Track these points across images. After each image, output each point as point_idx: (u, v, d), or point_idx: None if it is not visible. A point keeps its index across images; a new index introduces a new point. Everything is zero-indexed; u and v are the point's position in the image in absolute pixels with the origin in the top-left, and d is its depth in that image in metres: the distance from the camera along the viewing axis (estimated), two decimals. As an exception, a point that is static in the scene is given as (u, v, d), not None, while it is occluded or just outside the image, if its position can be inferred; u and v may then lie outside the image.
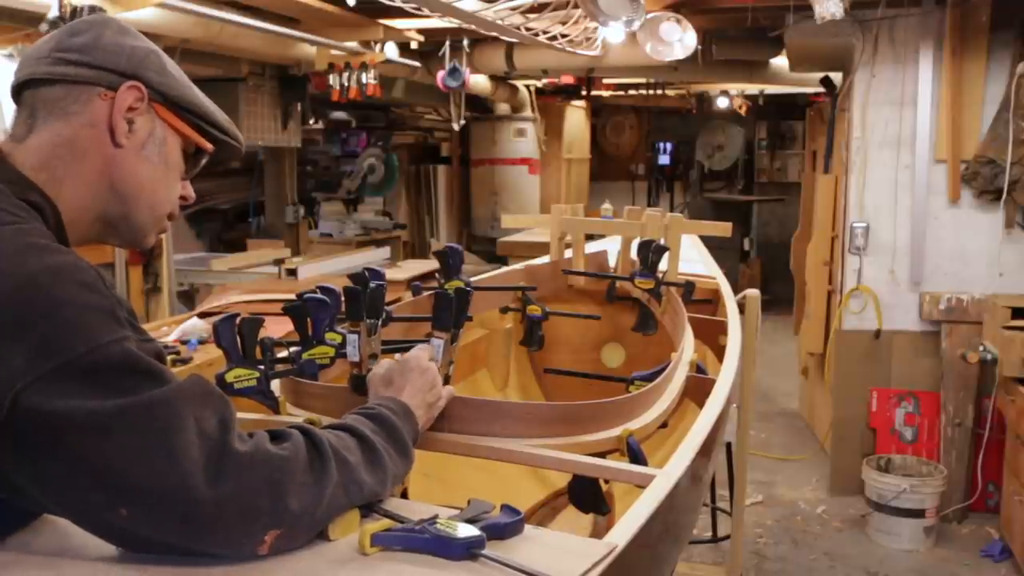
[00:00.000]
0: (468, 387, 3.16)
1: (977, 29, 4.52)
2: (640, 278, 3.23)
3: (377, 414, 1.35)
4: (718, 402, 2.08)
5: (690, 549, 4.08)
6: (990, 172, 4.54)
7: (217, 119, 1.32)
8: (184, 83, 1.28)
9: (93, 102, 1.21)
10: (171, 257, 4.86)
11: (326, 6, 4.87)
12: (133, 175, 1.24)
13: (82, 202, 1.21)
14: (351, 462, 1.19)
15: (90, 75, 1.21)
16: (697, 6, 5.21)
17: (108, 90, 1.21)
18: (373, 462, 1.24)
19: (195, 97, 1.29)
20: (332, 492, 1.14)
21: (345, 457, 1.19)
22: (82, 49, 1.21)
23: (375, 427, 1.31)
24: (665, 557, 1.76)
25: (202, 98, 1.30)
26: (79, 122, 1.20)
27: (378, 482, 1.24)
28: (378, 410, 1.36)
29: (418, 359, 1.55)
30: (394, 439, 1.32)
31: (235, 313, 1.79)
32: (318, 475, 1.13)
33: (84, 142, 1.20)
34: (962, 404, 4.65)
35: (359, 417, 1.33)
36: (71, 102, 1.20)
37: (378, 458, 1.25)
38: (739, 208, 11.10)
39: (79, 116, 1.20)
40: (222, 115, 1.34)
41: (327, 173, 9.10)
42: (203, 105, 1.30)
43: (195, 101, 1.29)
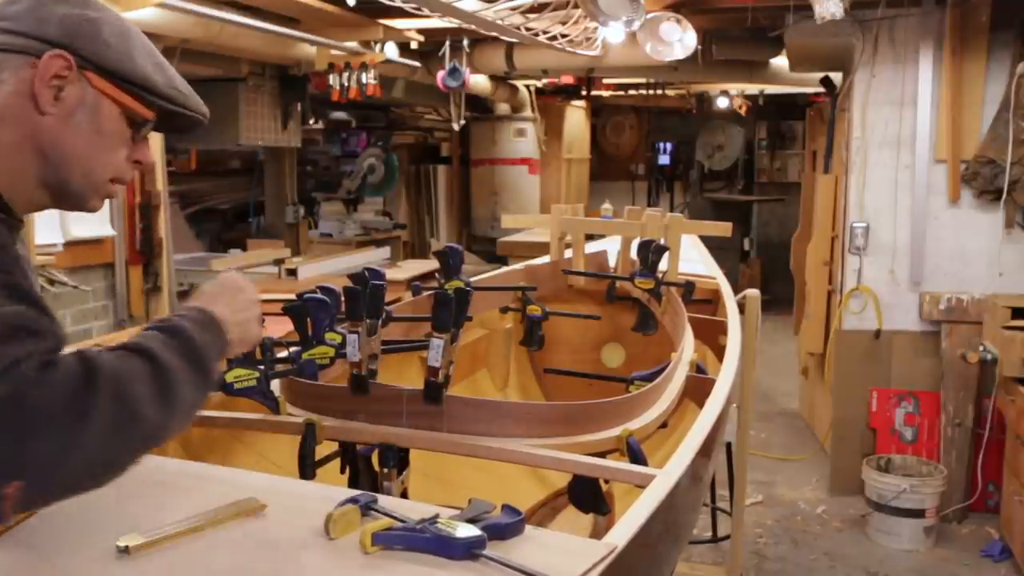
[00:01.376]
0: (468, 387, 3.16)
1: (977, 29, 4.52)
2: (640, 278, 3.23)
3: (173, 325, 1.18)
4: (718, 402, 2.08)
5: (690, 549, 4.08)
6: (990, 172, 4.54)
7: (156, 86, 1.26)
8: (122, 51, 1.24)
9: (23, 70, 1.19)
10: (171, 257, 4.86)
11: (326, 6, 4.87)
12: (61, 143, 1.22)
13: (15, 169, 1.21)
14: (130, 394, 1.04)
15: (20, 43, 1.20)
16: (697, 6, 5.21)
17: (36, 58, 1.19)
18: (162, 389, 1.08)
19: (132, 65, 1.24)
20: (97, 435, 1.00)
21: (123, 388, 1.03)
22: (16, 17, 1.21)
23: (167, 340, 1.14)
24: (665, 557, 1.76)
25: (143, 66, 1.25)
26: (7, 90, 1.19)
27: (165, 415, 1.08)
28: (175, 321, 1.19)
29: (234, 278, 1.38)
30: (191, 356, 1.15)
31: (235, 313, 1.79)
32: (78, 414, 0.98)
33: (12, 109, 1.19)
34: (962, 404, 4.65)
35: (153, 332, 1.16)
36: (2, 70, 1.19)
37: (168, 383, 1.09)
38: (739, 208, 11.10)
39: (7, 84, 1.19)
40: (168, 82, 1.28)
41: (327, 173, 9.11)
42: (141, 73, 1.25)
43: (132, 69, 1.24)
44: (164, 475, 1.45)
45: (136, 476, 1.43)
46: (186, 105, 1.32)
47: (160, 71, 1.28)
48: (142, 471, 1.45)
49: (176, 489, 1.37)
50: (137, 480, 1.41)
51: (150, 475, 1.44)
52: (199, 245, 7.62)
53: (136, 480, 1.41)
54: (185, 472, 1.48)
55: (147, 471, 1.46)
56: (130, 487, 1.38)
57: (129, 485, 1.39)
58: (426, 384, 1.73)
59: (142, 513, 1.27)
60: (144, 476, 1.43)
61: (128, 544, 1.16)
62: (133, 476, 1.43)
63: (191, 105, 1.33)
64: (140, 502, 1.34)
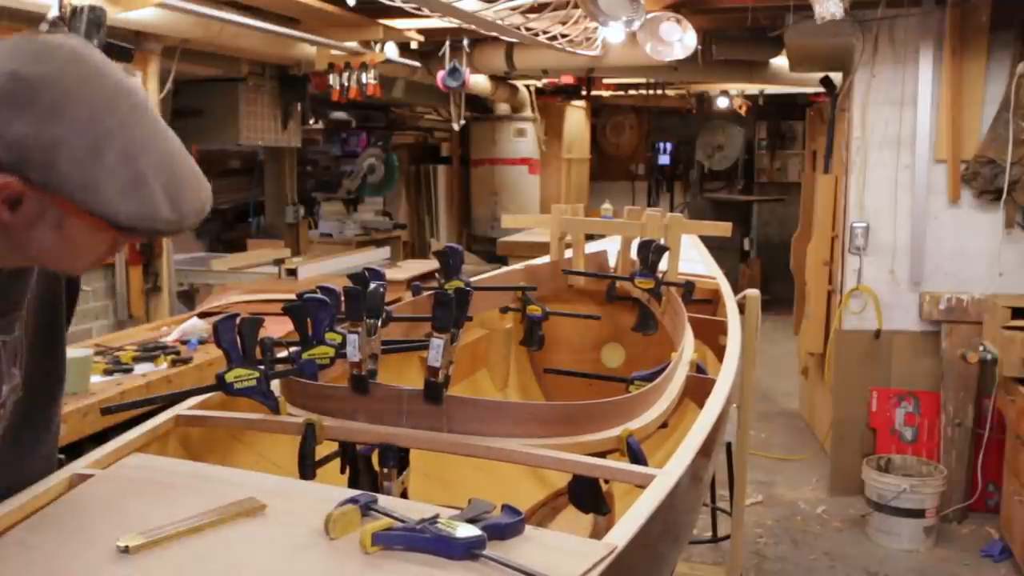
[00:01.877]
0: (468, 387, 3.16)
1: (977, 29, 4.52)
2: (640, 278, 3.23)
3: None
4: (718, 402, 2.08)
5: (690, 549, 4.08)
6: (990, 172, 4.54)
7: (120, 220, 1.11)
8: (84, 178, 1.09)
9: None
10: (171, 257, 4.86)
11: (326, 6, 4.88)
12: (28, 247, 1.15)
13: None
14: None
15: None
16: (697, 6, 5.21)
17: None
18: None
19: (95, 197, 1.10)
20: None
21: None
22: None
23: None
24: (665, 557, 1.76)
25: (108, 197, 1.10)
26: None
27: None
28: None
29: None
30: None
31: (235, 313, 1.79)
32: None
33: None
34: (962, 404, 4.65)
35: None
36: None
37: None
38: (739, 208, 11.10)
39: None
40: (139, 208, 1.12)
41: (327, 173, 9.10)
42: (105, 208, 1.10)
43: (94, 201, 1.10)
44: (164, 475, 1.45)
45: (136, 476, 1.43)
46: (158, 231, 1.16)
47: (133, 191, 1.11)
48: (142, 471, 1.46)
49: (176, 489, 1.37)
50: (137, 480, 1.42)
51: (150, 475, 1.44)
52: (199, 245, 7.62)
53: (136, 480, 1.42)
54: (185, 472, 1.48)
55: (147, 471, 1.46)
56: (130, 487, 1.39)
57: (129, 485, 1.40)
58: (426, 384, 1.73)
59: (142, 513, 1.27)
60: (144, 476, 1.43)
61: (128, 544, 1.16)
62: (134, 476, 1.43)
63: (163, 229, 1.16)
64: (140, 502, 1.34)
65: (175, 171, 1.16)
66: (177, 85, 4.90)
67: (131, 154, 1.11)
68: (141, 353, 3.26)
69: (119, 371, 3.08)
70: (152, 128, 1.16)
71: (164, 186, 1.14)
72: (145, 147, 1.13)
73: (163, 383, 3.04)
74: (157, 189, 1.13)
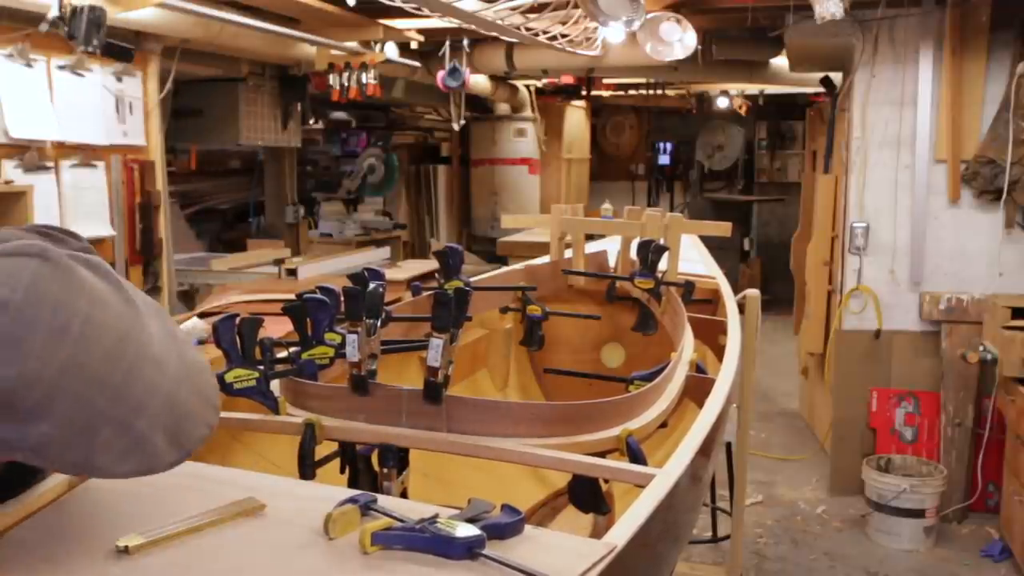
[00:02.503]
0: (468, 387, 3.16)
1: (977, 29, 4.52)
2: (640, 278, 3.23)
3: None
4: (718, 402, 2.08)
5: (690, 549, 4.08)
6: (990, 172, 4.54)
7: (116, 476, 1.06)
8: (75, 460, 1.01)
9: None
10: (171, 257, 4.86)
11: (326, 6, 4.88)
12: None
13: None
14: None
15: None
16: (697, 6, 5.21)
17: None
18: None
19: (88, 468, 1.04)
20: None
21: None
22: None
23: None
24: (665, 557, 1.76)
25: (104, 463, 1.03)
26: None
27: None
28: None
29: None
30: None
31: (235, 313, 1.79)
32: None
33: None
34: (962, 404, 4.65)
35: None
36: None
37: None
38: (739, 208, 11.10)
39: None
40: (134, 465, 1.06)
41: (327, 173, 9.11)
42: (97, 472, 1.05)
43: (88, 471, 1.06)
44: (164, 475, 1.44)
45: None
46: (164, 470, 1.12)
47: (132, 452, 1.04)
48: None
49: (176, 489, 1.37)
50: (137, 480, 1.42)
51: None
52: (199, 245, 7.62)
53: (136, 480, 1.42)
54: (185, 472, 1.47)
55: (147, 471, 1.46)
56: (130, 487, 1.39)
57: (129, 485, 1.39)
58: (426, 384, 1.73)
59: (142, 513, 1.26)
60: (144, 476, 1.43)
61: (128, 544, 1.16)
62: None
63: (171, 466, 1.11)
64: (140, 502, 1.33)
65: (177, 412, 1.09)
66: (177, 85, 4.90)
67: (127, 422, 1.03)
68: (141, 353, 3.25)
69: (119, 371, 3.07)
70: (153, 371, 1.06)
71: (166, 431, 1.07)
72: (143, 404, 1.04)
73: (163, 383, 3.03)
74: (159, 440, 1.06)
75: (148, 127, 4.56)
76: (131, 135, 4.46)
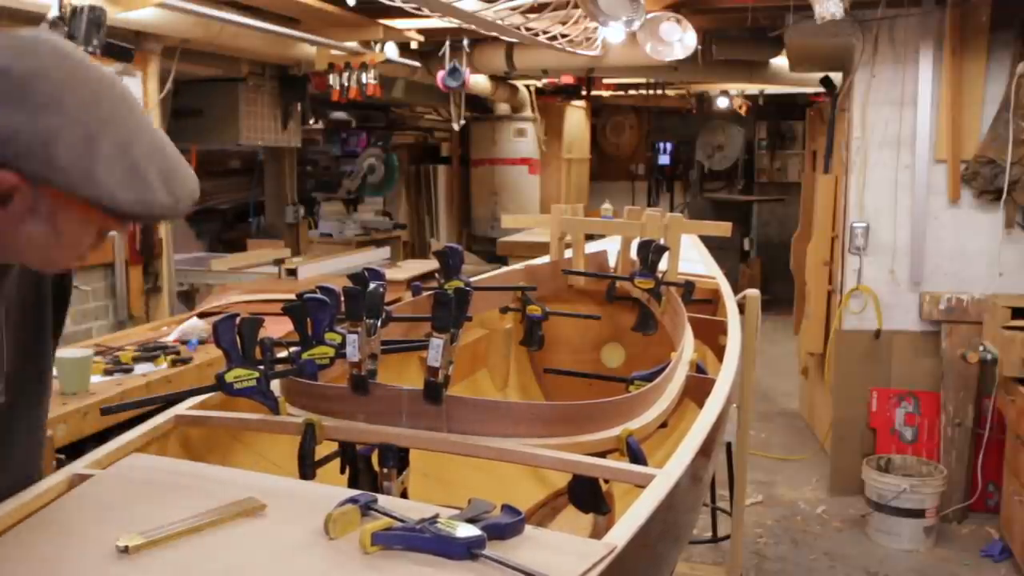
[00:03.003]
0: (468, 387, 3.16)
1: (977, 29, 4.52)
2: (640, 278, 3.23)
3: None
4: (718, 402, 2.08)
5: (690, 549, 4.08)
6: (990, 172, 4.54)
7: (121, 207, 1.12)
8: (81, 169, 1.09)
9: None
10: (171, 257, 4.86)
11: (326, 6, 4.87)
12: (15, 244, 1.15)
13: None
14: None
15: None
16: (697, 6, 5.21)
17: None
18: None
19: (94, 186, 1.10)
20: None
21: None
22: None
23: None
24: (665, 557, 1.76)
25: (107, 186, 1.10)
26: None
27: None
28: None
29: None
30: None
31: (235, 313, 1.79)
32: None
33: None
34: (962, 404, 4.65)
35: None
36: None
37: None
38: (739, 208, 11.10)
39: None
40: (138, 197, 1.13)
41: (327, 173, 9.10)
42: (105, 195, 1.11)
43: (93, 191, 1.10)
44: (164, 475, 1.45)
45: (136, 476, 1.43)
46: (158, 216, 1.19)
47: (131, 182, 1.12)
48: (142, 471, 1.46)
49: (176, 489, 1.37)
50: (137, 480, 1.42)
51: (150, 475, 1.44)
52: (199, 245, 7.63)
53: (136, 480, 1.42)
54: (185, 472, 1.48)
55: (147, 471, 1.46)
56: (130, 487, 1.39)
57: (129, 485, 1.40)
58: (426, 384, 1.73)
59: (142, 513, 1.27)
60: (144, 476, 1.43)
61: (128, 544, 1.16)
62: (133, 476, 1.43)
63: (165, 214, 1.19)
64: (140, 502, 1.34)
65: (166, 158, 1.18)
66: (177, 85, 4.90)
67: (125, 143, 1.13)
68: (141, 353, 3.26)
69: (119, 371, 3.08)
70: (139, 118, 1.18)
71: (159, 172, 1.15)
72: (137, 136, 1.15)
73: (163, 383, 3.04)
74: (153, 176, 1.14)
75: (148, 127, 4.54)
76: (131, 135, 4.45)
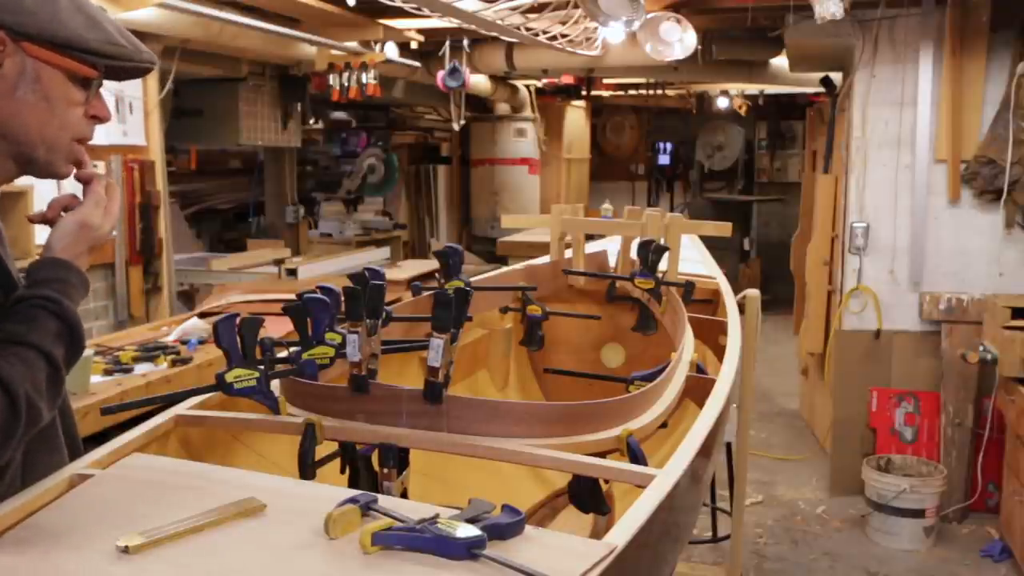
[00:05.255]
0: (468, 387, 3.16)
1: (977, 29, 4.52)
2: (640, 278, 3.22)
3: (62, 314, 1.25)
4: (718, 402, 2.08)
5: (690, 549, 4.08)
6: (990, 172, 4.54)
7: (89, 45, 1.26)
8: (48, 14, 1.22)
9: None
10: (171, 257, 4.86)
11: (326, 6, 4.88)
12: (11, 117, 1.23)
13: None
14: (37, 408, 1.21)
15: None
16: (697, 6, 5.21)
17: None
18: (57, 388, 1.25)
19: (62, 28, 1.23)
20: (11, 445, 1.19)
21: (33, 408, 1.20)
22: None
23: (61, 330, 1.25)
24: (665, 557, 1.76)
25: (73, 28, 1.24)
26: None
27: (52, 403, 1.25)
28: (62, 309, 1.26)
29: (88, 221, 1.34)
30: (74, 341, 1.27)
31: (235, 313, 1.79)
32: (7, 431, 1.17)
33: None
34: (962, 404, 4.65)
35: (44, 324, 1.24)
36: None
37: (60, 379, 1.26)
38: (739, 208, 11.11)
39: None
40: (104, 37, 1.28)
41: (327, 173, 9.11)
42: (74, 35, 1.24)
43: (62, 33, 1.23)
44: (164, 475, 1.44)
45: (136, 476, 1.43)
46: (127, 57, 1.32)
47: (94, 27, 1.26)
48: (142, 471, 1.46)
49: (176, 489, 1.37)
50: (137, 480, 1.42)
51: (150, 475, 1.44)
52: (199, 245, 7.62)
53: (136, 480, 1.42)
54: (185, 472, 1.48)
55: (147, 471, 1.46)
56: (130, 487, 1.39)
57: (129, 485, 1.40)
58: (426, 384, 1.73)
59: (142, 513, 1.26)
60: (144, 476, 1.43)
61: (128, 544, 1.16)
62: (133, 476, 1.43)
63: (133, 56, 1.32)
64: (140, 502, 1.34)
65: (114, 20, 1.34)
66: (177, 85, 4.90)
67: (78, 2, 1.27)
68: (141, 353, 3.26)
69: (119, 371, 3.08)
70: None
71: (114, 27, 1.31)
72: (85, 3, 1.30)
73: (163, 383, 3.04)
74: (110, 27, 1.30)
75: (148, 127, 4.55)
76: (131, 135, 4.46)
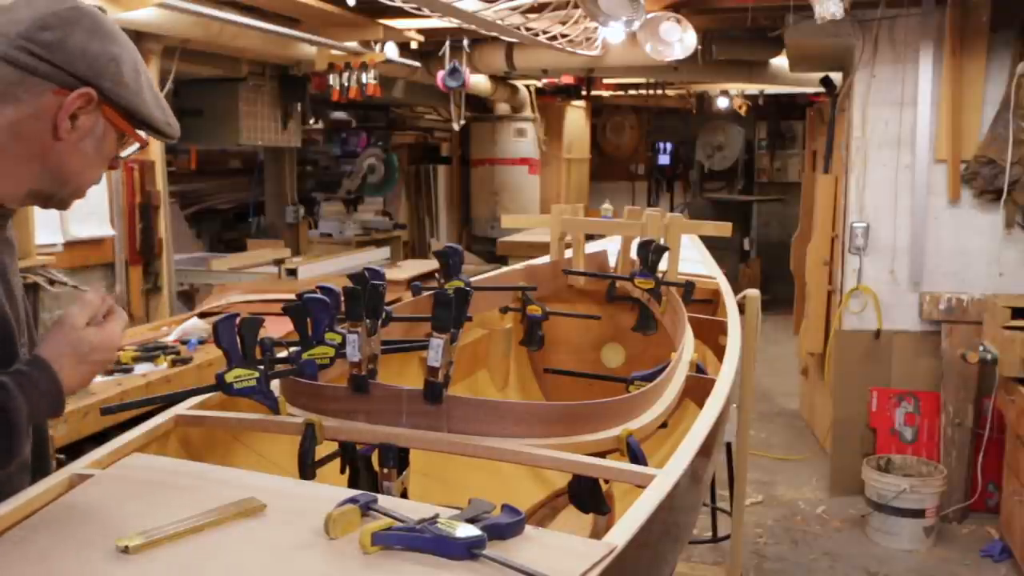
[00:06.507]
0: (468, 387, 3.16)
1: (977, 29, 4.52)
2: (640, 278, 3.23)
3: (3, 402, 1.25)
4: (718, 402, 2.08)
5: (690, 549, 4.08)
6: (990, 172, 4.54)
7: (157, 124, 1.41)
8: (135, 90, 1.37)
9: (44, 96, 1.29)
10: (171, 257, 4.86)
11: (326, 6, 4.87)
12: (67, 164, 1.35)
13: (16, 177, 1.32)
14: None
15: (48, 71, 1.29)
16: (697, 6, 5.21)
17: (61, 87, 1.29)
18: None
19: (143, 105, 1.38)
20: None
21: None
22: (48, 47, 1.28)
23: None
24: (665, 557, 1.76)
25: (149, 105, 1.39)
26: (26, 111, 1.29)
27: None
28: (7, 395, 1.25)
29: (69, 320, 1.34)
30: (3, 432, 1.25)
31: (235, 313, 1.79)
32: None
33: (27, 129, 1.29)
34: (962, 404, 4.65)
35: None
36: (24, 90, 1.28)
37: None
38: (739, 208, 11.10)
39: (27, 105, 1.29)
40: (164, 118, 1.43)
41: (327, 173, 9.11)
42: (148, 112, 1.39)
43: (142, 109, 1.38)
44: (164, 475, 1.45)
45: (136, 476, 1.43)
46: (170, 135, 1.46)
47: (159, 107, 1.42)
48: (142, 471, 1.46)
49: (176, 489, 1.37)
50: (137, 480, 1.42)
51: (150, 475, 1.44)
52: (199, 245, 7.62)
53: (136, 480, 1.42)
54: (185, 472, 1.48)
55: (147, 471, 1.46)
56: (130, 487, 1.39)
57: (129, 485, 1.40)
58: (426, 384, 1.73)
59: (142, 513, 1.26)
60: (144, 476, 1.43)
61: (128, 544, 1.16)
62: (134, 476, 1.43)
63: (173, 134, 1.47)
64: (140, 502, 1.34)
65: None
66: (177, 85, 4.90)
67: (150, 79, 1.42)
68: (141, 353, 3.26)
69: (119, 371, 3.08)
70: None
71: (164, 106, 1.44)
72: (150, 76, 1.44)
73: (163, 383, 3.04)
74: (165, 106, 1.44)
75: (148, 127, 4.54)
76: (131, 135, 4.45)
